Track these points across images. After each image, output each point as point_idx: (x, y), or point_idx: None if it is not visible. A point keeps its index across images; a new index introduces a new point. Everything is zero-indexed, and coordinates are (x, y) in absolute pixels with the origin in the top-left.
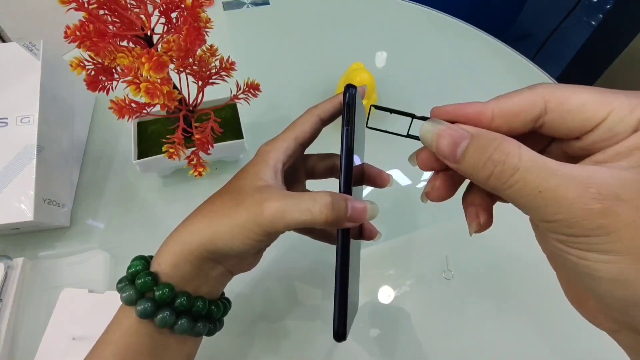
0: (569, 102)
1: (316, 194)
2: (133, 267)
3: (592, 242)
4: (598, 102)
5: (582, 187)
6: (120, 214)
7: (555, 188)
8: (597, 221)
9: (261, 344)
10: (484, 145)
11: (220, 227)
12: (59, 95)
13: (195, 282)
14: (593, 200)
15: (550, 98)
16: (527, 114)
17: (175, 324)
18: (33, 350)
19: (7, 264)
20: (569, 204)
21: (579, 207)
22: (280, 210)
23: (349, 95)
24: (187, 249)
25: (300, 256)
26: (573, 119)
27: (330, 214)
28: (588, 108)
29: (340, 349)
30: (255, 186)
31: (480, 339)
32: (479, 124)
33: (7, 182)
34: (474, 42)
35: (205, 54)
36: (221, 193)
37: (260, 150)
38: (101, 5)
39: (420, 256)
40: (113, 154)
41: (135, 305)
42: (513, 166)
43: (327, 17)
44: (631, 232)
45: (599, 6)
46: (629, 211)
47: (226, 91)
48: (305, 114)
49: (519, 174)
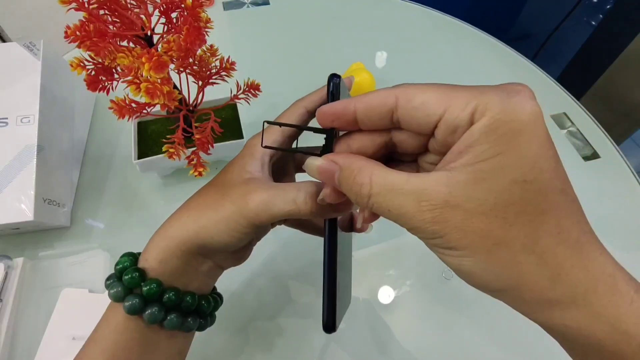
0: (414, 100)
1: (301, 184)
2: (121, 263)
3: (437, 244)
4: (438, 99)
5: (417, 201)
6: (121, 214)
7: (398, 207)
8: (430, 228)
9: (255, 343)
10: (347, 177)
11: (206, 220)
12: (59, 95)
13: (185, 278)
14: (426, 212)
15: (400, 95)
16: (381, 109)
17: (165, 320)
18: (33, 350)
19: (7, 264)
20: (410, 217)
21: (417, 219)
22: (264, 202)
23: (333, 84)
24: (174, 244)
25: (293, 254)
26: (418, 115)
27: (314, 204)
28: (429, 105)
29: (340, 349)
30: (241, 179)
31: (480, 339)
32: (347, 117)
33: (7, 182)
34: (474, 42)
35: (206, 54)
36: (207, 187)
37: (247, 143)
38: (101, 5)
39: (420, 256)
40: (113, 154)
41: (123, 302)
42: (366, 194)
43: (327, 17)
44: (459, 233)
45: (599, 6)
46: (456, 215)
47: (226, 91)
48: (292, 107)
49: (372, 199)
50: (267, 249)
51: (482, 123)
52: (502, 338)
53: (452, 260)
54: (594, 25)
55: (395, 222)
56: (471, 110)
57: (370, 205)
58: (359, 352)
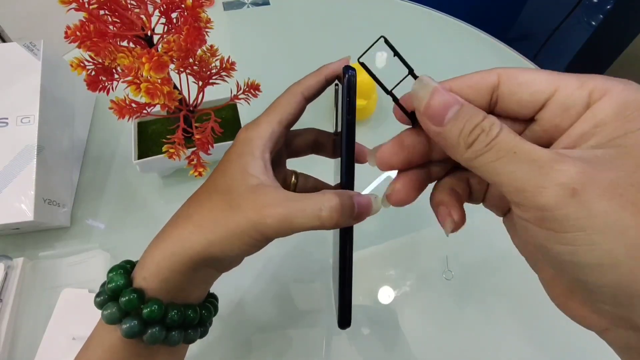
0: (520, 76)
1: (321, 196)
2: (113, 281)
3: (566, 215)
4: (547, 78)
5: (556, 154)
6: (121, 214)
7: (530, 150)
8: (571, 185)
9: (255, 342)
10: (474, 113)
11: (215, 235)
12: (59, 96)
13: (186, 292)
14: (569, 164)
15: (503, 73)
16: (480, 86)
17: (166, 338)
18: (33, 350)
19: (7, 264)
20: (542, 165)
21: (553, 169)
22: (283, 218)
23: (349, 77)
24: (178, 261)
25: (292, 254)
26: (523, 91)
27: (340, 218)
28: (537, 82)
29: (340, 349)
30: (247, 185)
31: (480, 339)
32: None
33: (7, 182)
34: (474, 42)
35: (206, 54)
36: (208, 193)
37: (241, 137)
38: (101, 5)
39: (420, 256)
40: (113, 154)
41: (120, 324)
42: (486, 142)
43: (327, 17)
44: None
45: (599, 6)
46: (601, 200)
47: (226, 91)
48: (288, 93)
49: (491, 153)
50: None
51: (607, 102)
52: (502, 338)
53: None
54: (594, 25)
55: (511, 171)
56: (589, 90)
57: (483, 162)
58: (359, 352)
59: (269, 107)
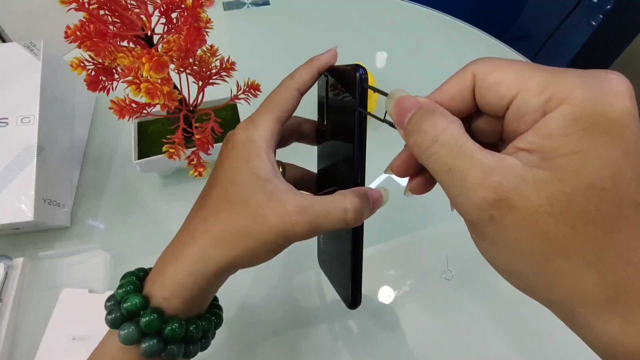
0: (489, 77)
1: (342, 198)
2: (129, 302)
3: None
4: (514, 80)
5: (485, 173)
6: (121, 214)
7: (462, 169)
8: (488, 211)
9: (254, 342)
10: (422, 115)
11: (240, 248)
12: (59, 96)
13: (203, 304)
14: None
15: (478, 70)
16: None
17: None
18: (33, 350)
19: (7, 264)
20: (469, 187)
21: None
22: (311, 225)
23: (360, 76)
24: (202, 278)
25: (292, 253)
26: (491, 95)
27: (362, 216)
28: (504, 84)
29: (340, 349)
30: (264, 190)
31: (480, 340)
32: None
33: (7, 182)
34: (474, 42)
35: (206, 54)
36: (222, 203)
37: (242, 139)
38: (101, 5)
39: (420, 256)
40: (113, 154)
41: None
42: (433, 137)
43: (327, 17)
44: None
45: (599, 6)
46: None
47: (226, 91)
48: (283, 88)
49: (436, 146)
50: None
51: (561, 112)
52: (502, 338)
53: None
54: (594, 25)
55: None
56: (547, 97)
57: (430, 154)
58: (359, 352)
59: (265, 104)
